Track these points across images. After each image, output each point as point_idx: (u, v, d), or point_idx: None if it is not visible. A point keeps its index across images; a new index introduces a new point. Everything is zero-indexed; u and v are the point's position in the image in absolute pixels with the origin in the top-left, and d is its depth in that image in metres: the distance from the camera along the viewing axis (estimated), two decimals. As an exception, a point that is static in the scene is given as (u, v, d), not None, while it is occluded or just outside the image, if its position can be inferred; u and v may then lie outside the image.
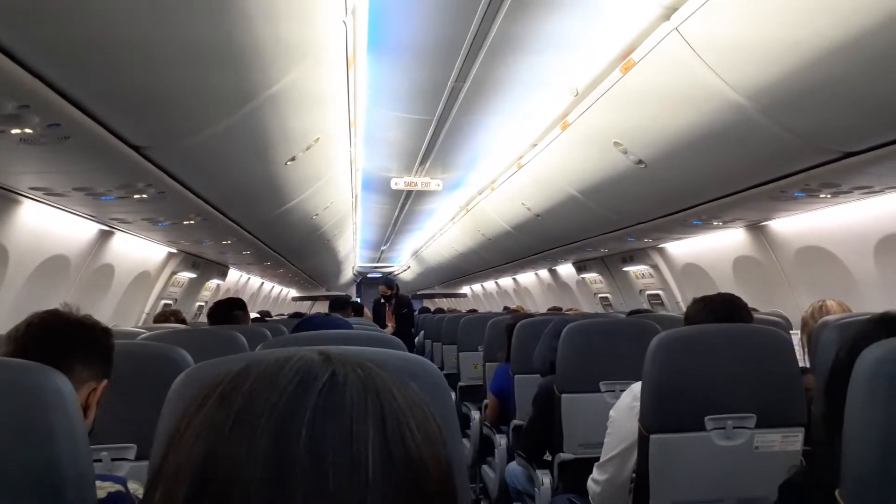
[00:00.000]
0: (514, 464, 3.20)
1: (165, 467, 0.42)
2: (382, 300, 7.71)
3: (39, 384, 0.94)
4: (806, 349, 2.62)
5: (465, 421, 4.47)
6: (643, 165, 3.43)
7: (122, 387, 1.65)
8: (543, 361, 2.96)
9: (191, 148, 2.62)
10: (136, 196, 3.13)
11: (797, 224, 4.20)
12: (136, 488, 1.18)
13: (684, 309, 5.69)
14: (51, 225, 3.65)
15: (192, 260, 6.45)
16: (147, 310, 5.97)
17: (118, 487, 1.14)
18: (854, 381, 0.98)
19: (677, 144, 3.04)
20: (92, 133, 2.11)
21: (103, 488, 1.11)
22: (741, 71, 2.31)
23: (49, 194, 3.07)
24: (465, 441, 4.29)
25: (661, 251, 6.10)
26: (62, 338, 1.27)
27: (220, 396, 0.43)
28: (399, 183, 6.34)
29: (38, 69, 1.65)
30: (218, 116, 2.42)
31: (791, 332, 2.92)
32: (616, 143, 3.36)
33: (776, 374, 1.90)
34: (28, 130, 1.95)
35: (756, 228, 4.56)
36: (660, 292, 6.45)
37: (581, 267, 8.03)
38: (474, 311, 10.54)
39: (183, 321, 4.37)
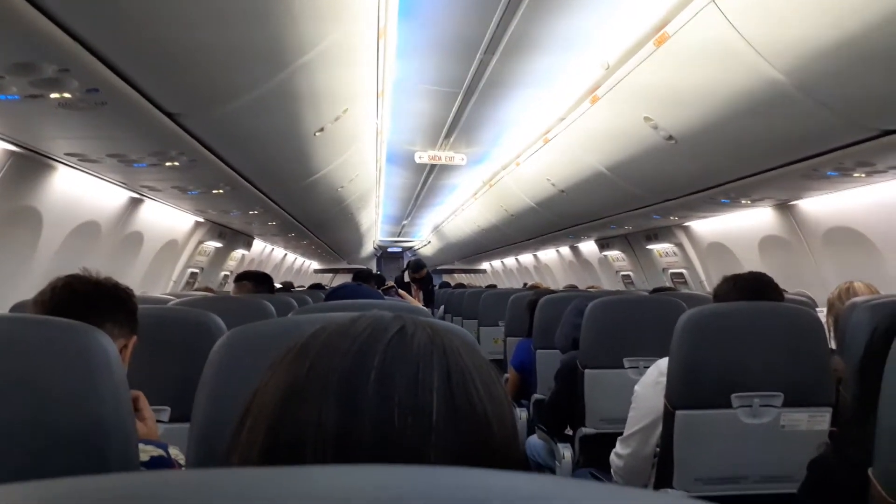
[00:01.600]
0: (534, 437, 3.23)
1: (250, 410, 0.46)
2: (407, 280, 7.73)
3: (85, 343, 0.94)
4: (832, 331, 2.59)
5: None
6: (673, 141, 3.39)
7: (157, 351, 1.69)
8: (566, 339, 2.97)
9: (223, 116, 2.64)
10: (167, 164, 3.16)
11: (827, 204, 4.14)
12: (176, 454, 1.19)
13: (708, 288, 5.68)
14: (83, 191, 3.71)
15: (218, 230, 6.51)
16: (174, 277, 6.06)
17: (160, 452, 1.16)
18: (891, 360, 0.98)
19: (710, 120, 3.00)
20: (129, 99, 2.14)
21: (146, 451, 1.12)
22: (779, 44, 2.26)
23: (83, 160, 3.11)
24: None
25: (686, 229, 6.04)
26: (89, 298, 1.29)
27: (299, 348, 0.47)
28: (423, 157, 6.33)
29: (78, 32, 1.66)
30: (251, 85, 2.43)
31: (817, 310, 2.90)
32: (646, 118, 3.32)
33: (805, 353, 1.89)
34: (67, 95, 1.98)
35: (784, 207, 4.50)
36: (683, 271, 6.41)
37: (604, 244, 7.99)
38: (493, 286, 10.56)
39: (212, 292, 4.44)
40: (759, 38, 2.26)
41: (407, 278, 7.58)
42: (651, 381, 2.05)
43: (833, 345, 2.36)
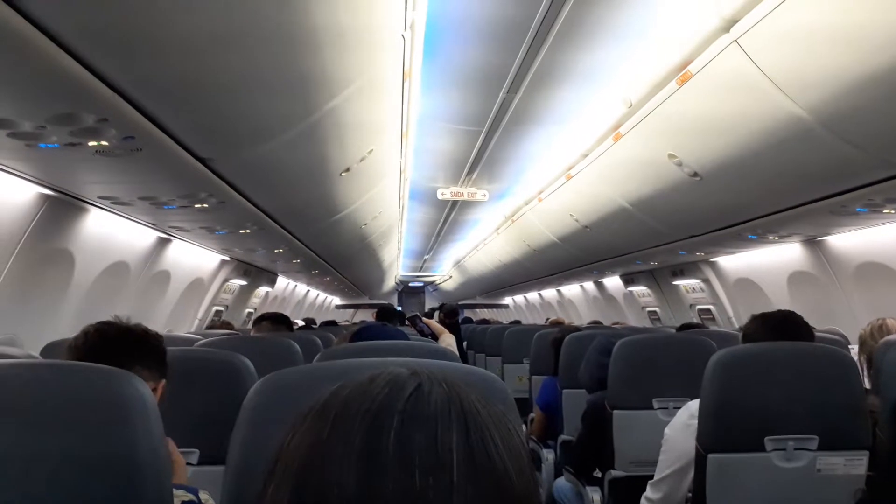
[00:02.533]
0: (562, 479, 3.18)
1: (276, 469, 0.47)
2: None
3: (121, 389, 0.96)
4: (865, 368, 2.54)
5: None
6: (698, 178, 3.39)
7: (185, 392, 1.70)
8: (590, 377, 2.94)
9: (252, 160, 2.70)
10: (196, 206, 3.22)
11: (857, 239, 4.08)
12: (206, 498, 1.20)
13: (736, 324, 5.59)
14: (114, 232, 3.78)
15: (243, 267, 6.59)
16: (200, 315, 6.12)
17: (191, 497, 1.17)
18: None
19: (734, 157, 3.00)
20: (163, 145, 2.20)
21: (178, 497, 1.13)
22: (802, 82, 2.27)
23: (115, 203, 3.19)
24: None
25: (713, 265, 5.99)
26: (120, 344, 1.34)
27: (320, 407, 0.48)
28: (445, 193, 6.38)
29: (117, 83, 1.72)
30: (281, 128, 2.48)
31: (850, 346, 2.84)
32: (671, 156, 3.33)
33: (840, 394, 1.85)
34: (104, 143, 2.04)
35: (813, 243, 4.45)
36: (711, 307, 6.33)
37: (629, 280, 7.93)
38: (517, 322, 10.49)
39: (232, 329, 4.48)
40: (782, 75, 2.27)
41: (436, 319, 7.55)
42: (681, 424, 2.02)
43: (867, 384, 2.31)
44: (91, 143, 2.04)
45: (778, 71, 2.26)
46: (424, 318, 4.59)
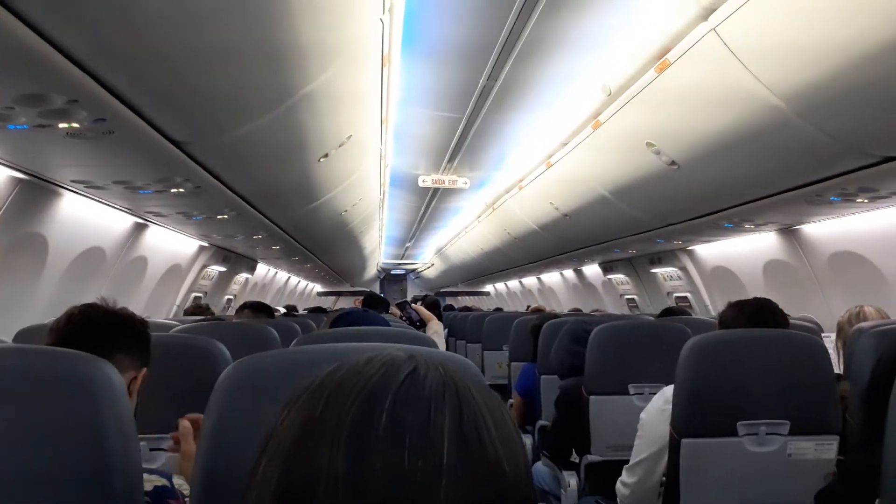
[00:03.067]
0: (539, 464, 3.20)
1: (268, 448, 0.47)
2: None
3: (90, 374, 0.95)
4: (841, 355, 2.58)
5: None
6: (676, 167, 3.40)
7: (161, 378, 1.68)
8: (560, 364, 2.97)
9: (229, 143, 2.67)
10: (172, 190, 3.18)
11: (831, 228, 4.13)
12: (180, 484, 1.19)
13: (712, 312, 5.65)
14: (88, 217, 3.73)
15: (222, 254, 6.53)
16: (178, 302, 6.07)
17: (164, 482, 1.16)
18: (897, 391, 0.97)
19: (712, 146, 3.01)
20: (136, 128, 2.16)
21: (149, 481, 1.13)
22: (779, 72, 2.28)
23: (89, 187, 3.14)
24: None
25: (691, 253, 6.04)
26: (103, 329, 1.31)
27: (315, 387, 0.48)
28: (426, 180, 6.36)
29: (88, 65, 1.69)
30: (257, 113, 2.45)
31: (823, 335, 2.89)
32: (649, 144, 3.34)
33: (811, 380, 1.88)
34: (75, 125, 2.01)
35: (788, 232, 4.50)
36: (688, 295, 6.39)
37: (608, 268, 7.99)
38: (500, 309, 10.52)
39: (213, 315, 4.45)
40: (759, 65, 2.28)
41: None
42: (657, 409, 2.04)
43: (840, 369, 2.35)
44: (61, 125, 2.00)
45: (755, 60, 2.27)
46: (413, 305, 4.59)
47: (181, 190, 3.19)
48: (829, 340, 2.76)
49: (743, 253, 5.23)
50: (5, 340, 2.45)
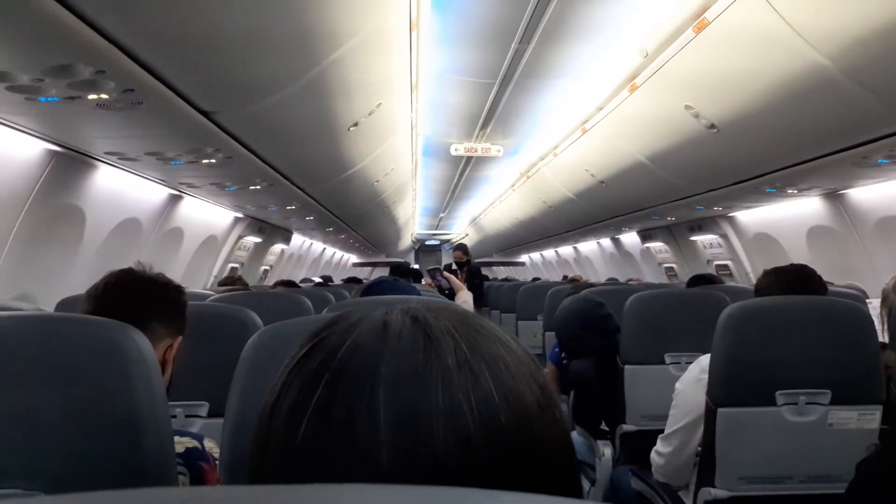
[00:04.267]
0: (574, 433, 3.20)
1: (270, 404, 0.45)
2: (454, 267, 7.55)
3: (120, 342, 0.97)
4: (886, 324, 2.50)
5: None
6: (715, 130, 3.30)
7: (196, 346, 1.70)
8: (566, 344, 2.92)
9: (257, 113, 2.66)
10: (204, 161, 3.21)
11: (879, 192, 3.99)
12: (211, 447, 1.21)
13: (753, 280, 5.54)
14: (124, 189, 3.79)
15: (257, 225, 6.61)
16: (215, 272, 6.16)
17: (195, 443, 1.18)
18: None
19: (753, 107, 2.91)
20: (164, 98, 2.17)
21: (181, 443, 1.15)
22: (824, 28, 2.18)
23: (122, 159, 3.18)
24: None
25: (731, 220, 5.91)
26: (139, 296, 1.29)
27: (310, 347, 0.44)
28: (459, 149, 6.30)
29: (113, 34, 1.68)
30: (284, 80, 2.44)
31: (868, 301, 2.79)
32: (687, 107, 3.24)
33: (853, 348, 1.82)
34: (104, 96, 2.02)
35: (834, 197, 4.36)
36: (728, 262, 6.27)
37: (646, 236, 7.87)
38: (537, 279, 10.48)
39: (246, 286, 4.51)
40: (803, 22, 2.18)
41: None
42: (692, 379, 2.00)
43: (885, 338, 2.27)
44: (91, 97, 2.01)
45: (798, 17, 2.17)
46: (445, 273, 4.55)
47: (212, 160, 3.21)
48: (875, 308, 2.67)
49: (785, 219, 5.10)
50: (44, 309, 2.51)
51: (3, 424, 0.91)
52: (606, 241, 9.70)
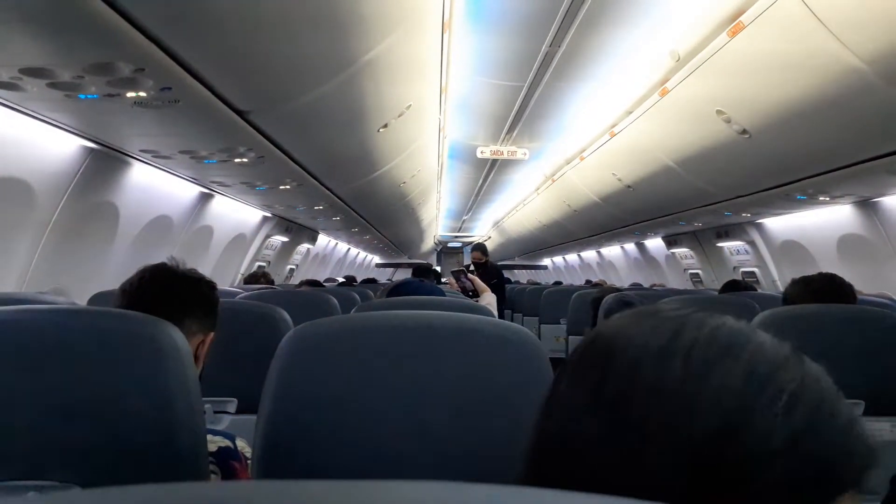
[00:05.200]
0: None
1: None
2: (472, 267, 7.48)
3: (157, 337, 0.97)
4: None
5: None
6: (747, 135, 3.26)
7: (226, 343, 1.72)
8: None
9: (290, 113, 2.69)
10: (236, 160, 3.24)
11: (914, 201, 3.92)
12: (242, 446, 1.20)
13: (780, 288, 5.46)
14: (157, 186, 3.84)
15: (285, 224, 6.66)
16: (242, 270, 6.22)
17: (227, 443, 1.17)
18: None
19: (787, 113, 2.87)
20: (200, 97, 2.19)
21: (213, 442, 1.14)
22: (862, 33, 2.14)
23: (157, 157, 3.22)
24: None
25: (759, 227, 5.83)
26: (173, 292, 1.29)
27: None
28: (485, 152, 6.29)
29: (154, 33, 1.71)
30: (317, 82, 2.46)
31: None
32: (719, 112, 3.20)
33: (888, 358, 1.78)
34: (142, 94, 2.05)
35: (866, 205, 4.28)
36: (755, 270, 6.18)
37: (671, 241, 7.79)
38: (559, 283, 10.42)
39: (272, 282, 4.55)
40: (841, 25, 2.14)
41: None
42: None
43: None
44: (129, 94, 2.04)
45: (837, 20, 2.14)
46: (470, 276, 4.53)
47: (244, 160, 3.24)
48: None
49: (815, 226, 5.01)
50: (78, 303, 2.55)
51: (40, 418, 0.91)
52: (631, 246, 9.62)
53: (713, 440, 0.39)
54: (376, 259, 15.97)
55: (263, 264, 6.69)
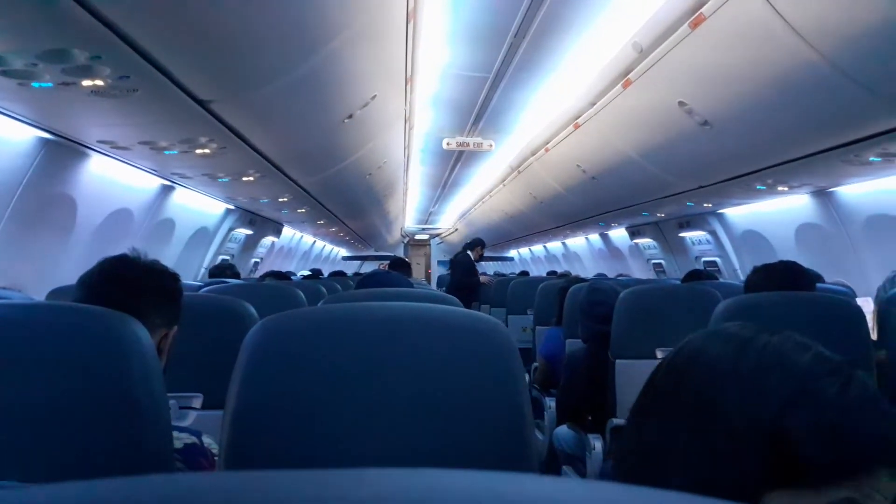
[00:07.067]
0: (563, 427, 3.20)
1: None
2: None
3: (118, 332, 0.94)
4: (875, 322, 2.52)
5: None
6: (708, 126, 3.32)
7: (190, 338, 1.69)
8: (588, 334, 2.95)
9: (253, 102, 2.64)
10: (197, 151, 3.18)
11: (868, 191, 4.02)
12: (209, 442, 1.18)
13: (741, 277, 5.58)
14: (116, 179, 3.75)
15: (248, 217, 6.57)
16: (206, 264, 6.13)
17: (193, 439, 1.15)
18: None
19: (747, 104, 2.92)
20: (160, 86, 2.14)
21: (179, 439, 1.12)
22: (819, 25, 2.19)
23: (115, 147, 3.15)
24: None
25: (720, 217, 5.94)
26: (134, 284, 1.24)
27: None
28: (451, 143, 6.29)
29: (110, 19, 1.66)
30: (280, 70, 2.42)
31: (857, 299, 2.82)
32: (681, 103, 3.25)
33: (845, 344, 1.83)
34: (99, 82, 1.99)
35: (823, 195, 4.39)
36: (717, 259, 6.31)
37: (635, 232, 7.89)
38: (525, 273, 10.49)
39: (237, 276, 4.49)
40: (798, 18, 2.19)
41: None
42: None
43: (875, 336, 2.29)
44: (85, 83, 1.99)
45: (794, 14, 2.18)
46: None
47: (206, 150, 3.19)
48: (867, 306, 2.70)
49: (774, 216, 5.13)
50: (35, 299, 2.48)
51: (-1, 417, 0.89)
52: (595, 237, 9.73)
53: (783, 413, 0.48)
54: (343, 251, 15.87)
55: (227, 257, 6.59)
